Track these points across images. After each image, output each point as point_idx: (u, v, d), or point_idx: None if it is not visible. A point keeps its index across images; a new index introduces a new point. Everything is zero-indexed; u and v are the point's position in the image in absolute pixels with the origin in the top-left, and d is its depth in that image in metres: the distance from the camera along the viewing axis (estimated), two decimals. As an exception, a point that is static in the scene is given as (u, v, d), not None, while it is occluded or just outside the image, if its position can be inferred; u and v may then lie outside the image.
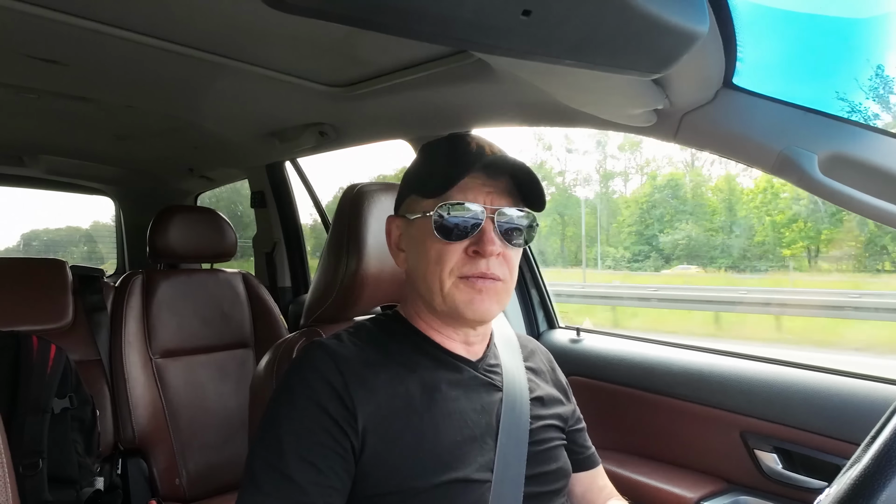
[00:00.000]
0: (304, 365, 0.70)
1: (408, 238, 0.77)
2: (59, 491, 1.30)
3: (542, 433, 0.80)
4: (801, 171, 0.80)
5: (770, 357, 1.18)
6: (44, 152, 2.34)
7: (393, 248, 0.80)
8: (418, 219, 0.74)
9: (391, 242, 0.80)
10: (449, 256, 0.71)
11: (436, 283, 0.72)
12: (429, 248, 0.72)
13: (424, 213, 0.72)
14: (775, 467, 1.10)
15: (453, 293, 0.71)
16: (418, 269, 0.75)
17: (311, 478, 0.63)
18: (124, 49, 1.13)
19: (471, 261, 0.71)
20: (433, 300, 0.73)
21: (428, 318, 0.78)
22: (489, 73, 1.08)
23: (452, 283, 0.71)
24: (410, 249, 0.77)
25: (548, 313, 1.68)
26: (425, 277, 0.73)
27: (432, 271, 0.72)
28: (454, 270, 0.71)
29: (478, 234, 0.70)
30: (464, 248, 0.71)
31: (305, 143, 1.73)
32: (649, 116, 0.92)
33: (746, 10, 0.71)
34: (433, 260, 0.72)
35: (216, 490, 1.67)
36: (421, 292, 0.76)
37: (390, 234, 0.80)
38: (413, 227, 0.75)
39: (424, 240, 0.73)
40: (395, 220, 0.80)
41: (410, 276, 0.78)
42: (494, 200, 0.72)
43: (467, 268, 0.71)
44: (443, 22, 0.49)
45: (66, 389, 1.39)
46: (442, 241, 0.70)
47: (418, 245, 0.74)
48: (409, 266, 0.78)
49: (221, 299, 1.87)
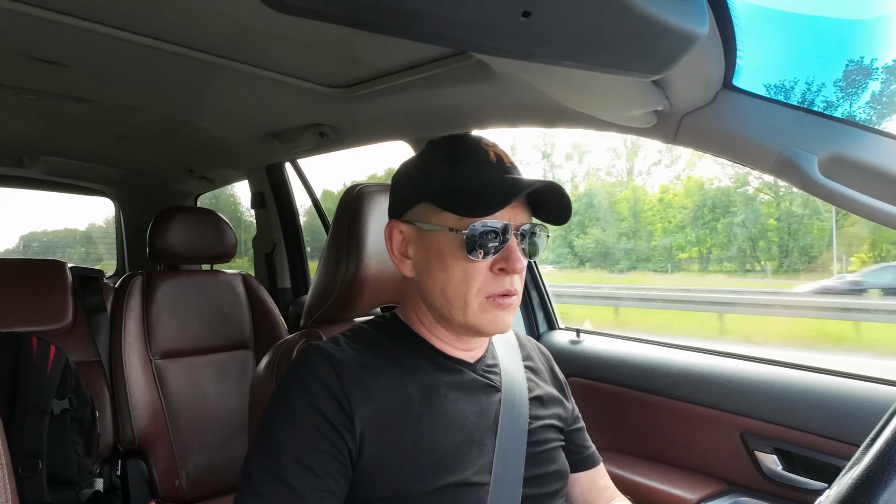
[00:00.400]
0: (301, 368, 0.70)
1: (420, 247, 0.73)
2: (58, 492, 1.29)
3: (541, 434, 0.79)
4: (800, 173, 0.80)
5: (770, 358, 1.18)
6: (44, 153, 2.34)
7: (395, 255, 0.76)
8: (438, 231, 0.70)
9: (393, 248, 0.76)
10: (475, 275, 0.69)
11: (460, 300, 0.70)
12: (451, 264, 0.69)
13: (449, 227, 0.69)
14: (775, 468, 1.10)
15: (477, 312, 0.70)
16: (436, 284, 0.72)
17: (309, 482, 0.63)
18: (125, 50, 1.13)
19: (496, 279, 0.69)
20: (452, 315, 0.71)
21: (431, 325, 0.77)
22: (489, 74, 1.08)
23: (479, 302, 0.69)
24: (423, 260, 0.73)
25: (548, 314, 1.68)
26: (445, 293, 0.71)
27: (457, 288, 0.69)
28: (481, 290, 0.69)
29: (505, 252, 0.69)
30: (489, 265, 0.69)
31: (305, 145, 1.73)
32: (649, 118, 0.92)
33: (746, 12, 0.71)
34: (458, 277, 0.69)
35: (216, 491, 1.67)
36: (435, 305, 0.73)
37: (391, 239, 0.75)
38: (428, 237, 0.72)
39: (446, 255, 0.69)
40: (398, 225, 0.75)
41: (422, 287, 0.74)
42: (517, 216, 0.71)
43: (494, 286, 0.69)
44: (442, 23, 0.49)
45: (65, 390, 1.39)
46: (469, 260, 0.68)
47: (437, 259, 0.71)
48: (419, 275, 0.75)
49: (221, 300, 1.87)
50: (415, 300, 0.78)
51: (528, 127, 1.35)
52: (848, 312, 5.94)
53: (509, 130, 1.40)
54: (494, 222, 0.68)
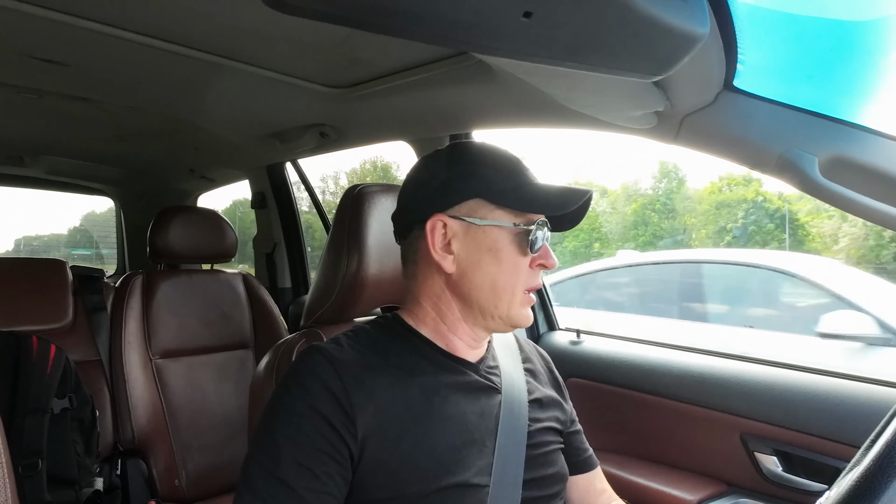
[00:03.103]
0: (301, 369, 0.70)
1: (469, 242, 0.73)
2: (58, 491, 1.29)
3: (540, 436, 0.79)
4: (801, 174, 0.80)
5: (770, 359, 1.18)
6: (45, 153, 2.35)
7: (437, 251, 0.74)
8: (492, 226, 0.73)
9: (434, 243, 0.74)
10: (523, 269, 0.74)
11: (507, 293, 0.74)
12: (505, 258, 0.73)
13: (513, 223, 0.73)
14: (775, 470, 1.10)
15: (518, 305, 0.75)
16: (486, 278, 0.73)
17: (308, 483, 0.63)
18: (125, 50, 1.13)
19: (534, 274, 0.76)
20: (497, 308, 0.74)
21: (448, 322, 0.77)
22: (490, 74, 1.08)
23: (520, 296, 0.75)
24: (472, 255, 0.73)
25: (548, 315, 1.68)
26: (496, 286, 0.73)
27: (508, 283, 0.73)
28: (524, 284, 0.75)
29: (544, 249, 0.76)
30: (529, 261, 0.74)
31: (306, 145, 1.73)
32: (650, 118, 0.92)
33: (747, 13, 0.71)
34: (510, 271, 0.73)
35: (216, 491, 1.67)
36: (478, 299, 0.74)
37: (434, 234, 0.74)
38: (481, 232, 0.73)
39: (500, 249, 0.73)
40: (441, 219, 0.74)
41: (465, 282, 0.74)
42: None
43: (532, 281, 0.76)
44: (443, 24, 0.49)
45: (65, 390, 1.39)
46: (522, 254, 0.73)
47: (490, 253, 0.73)
48: (462, 271, 0.74)
49: (221, 300, 1.87)
50: (426, 299, 0.77)
51: (528, 127, 1.35)
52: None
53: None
54: (544, 222, 0.74)
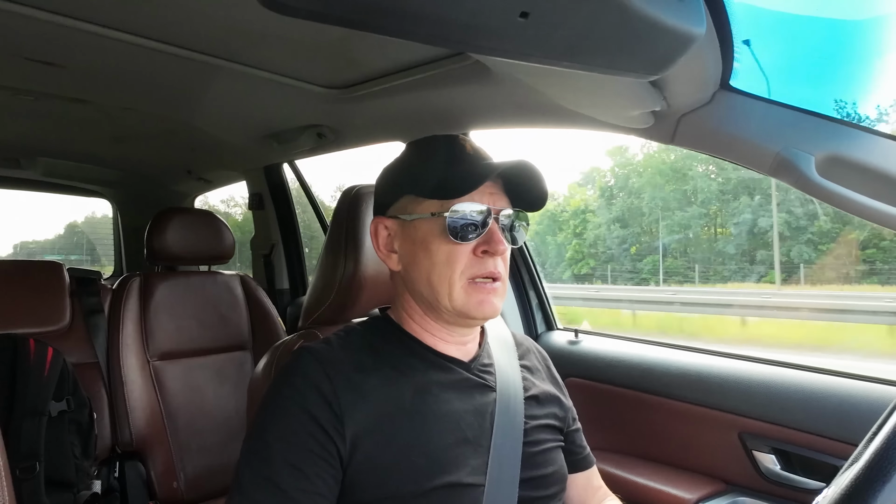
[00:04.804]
0: (292, 370, 0.70)
1: (404, 239, 0.76)
2: (56, 494, 1.29)
3: (537, 434, 0.79)
4: (798, 173, 0.80)
5: (768, 358, 1.19)
6: (41, 154, 2.34)
7: (381, 251, 0.79)
8: (420, 219, 0.73)
9: (378, 244, 0.78)
10: (458, 257, 0.71)
11: (444, 284, 0.72)
12: (436, 249, 0.72)
13: (432, 213, 0.72)
14: (773, 468, 1.10)
15: (462, 295, 0.72)
16: (421, 271, 0.74)
17: (299, 484, 0.63)
18: (122, 51, 1.13)
19: (479, 261, 0.72)
20: (439, 302, 0.73)
21: (422, 320, 0.77)
22: (487, 74, 1.08)
23: (462, 285, 0.72)
24: (408, 251, 0.76)
25: (546, 315, 1.68)
26: (430, 280, 0.73)
27: (441, 273, 0.72)
28: (464, 272, 0.72)
29: (487, 234, 0.72)
30: (471, 248, 0.72)
31: (303, 145, 1.73)
32: (646, 118, 0.92)
33: (743, 12, 0.71)
34: (442, 262, 0.72)
35: (214, 493, 1.66)
36: (423, 294, 0.75)
37: (377, 236, 0.78)
38: (412, 227, 0.74)
39: (430, 241, 0.72)
40: (382, 221, 0.78)
41: (408, 279, 0.77)
42: (496, 201, 0.74)
43: (476, 268, 0.72)
44: (440, 24, 0.49)
45: (63, 392, 1.39)
46: (452, 243, 0.71)
47: (421, 246, 0.73)
48: (405, 268, 0.77)
49: (219, 301, 1.86)
50: (403, 296, 0.79)
51: (525, 127, 1.35)
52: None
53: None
54: (475, 205, 0.71)
